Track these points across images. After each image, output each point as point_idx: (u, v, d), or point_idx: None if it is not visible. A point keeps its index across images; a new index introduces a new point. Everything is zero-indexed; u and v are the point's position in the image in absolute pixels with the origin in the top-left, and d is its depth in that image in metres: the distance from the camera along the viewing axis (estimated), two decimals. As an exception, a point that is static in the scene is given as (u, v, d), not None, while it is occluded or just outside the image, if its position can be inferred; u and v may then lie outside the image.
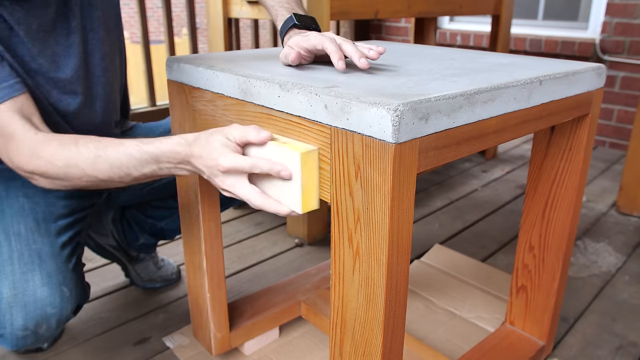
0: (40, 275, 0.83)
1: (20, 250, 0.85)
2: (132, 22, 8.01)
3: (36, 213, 0.90)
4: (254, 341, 1.13)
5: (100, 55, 0.94)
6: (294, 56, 0.77)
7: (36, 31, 0.84)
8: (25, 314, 0.81)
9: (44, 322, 0.83)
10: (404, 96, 0.59)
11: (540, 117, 0.77)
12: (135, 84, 3.69)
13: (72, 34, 0.88)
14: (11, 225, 0.87)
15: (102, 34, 0.93)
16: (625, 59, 2.58)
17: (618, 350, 1.17)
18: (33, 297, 0.82)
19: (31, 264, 0.84)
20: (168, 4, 2.02)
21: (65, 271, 0.87)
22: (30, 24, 0.82)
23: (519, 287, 1.09)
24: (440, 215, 1.87)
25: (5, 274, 0.82)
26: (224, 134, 0.70)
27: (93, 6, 0.91)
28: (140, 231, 1.30)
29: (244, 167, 0.68)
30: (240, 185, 0.69)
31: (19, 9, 0.81)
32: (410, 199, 0.60)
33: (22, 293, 0.81)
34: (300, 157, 0.63)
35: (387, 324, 0.63)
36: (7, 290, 0.81)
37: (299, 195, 0.65)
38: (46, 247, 0.87)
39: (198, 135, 0.72)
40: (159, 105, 2.12)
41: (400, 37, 3.47)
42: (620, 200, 1.91)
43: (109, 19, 0.96)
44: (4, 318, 0.81)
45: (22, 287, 0.81)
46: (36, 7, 0.82)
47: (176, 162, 0.73)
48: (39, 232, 0.88)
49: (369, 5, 1.57)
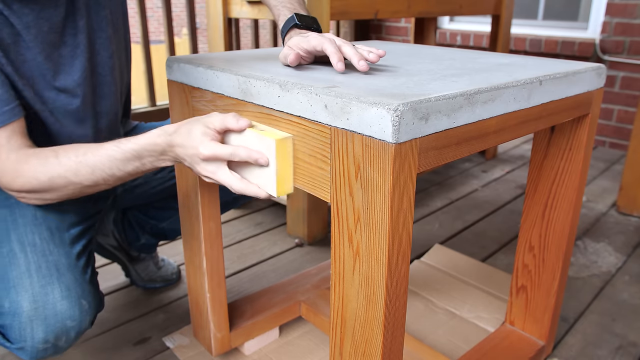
0: (60, 289, 0.83)
1: (37, 262, 0.84)
2: (132, 22, 7.98)
3: (49, 222, 0.89)
4: (254, 341, 1.13)
5: (108, 54, 0.94)
6: (293, 57, 0.77)
7: (47, 33, 0.83)
8: (45, 328, 0.81)
9: (63, 334, 0.83)
10: (404, 96, 0.59)
11: (540, 117, 0.77)
12: (135, 84, 3.68)
13: (79, 34, 0.87)
14: (25, 236, 0.86)
15: (109, 33, 0.93)
16: (625, 59, 2.58)
17: (618, 350, 1.17)
18: (53, 310, 0.81)
19: (50, 276, 0.83)
20: (168, 4, 2.02)
21: (83, 283, 0.86)
22: (41, 26, 0.82)
23: (519, 287, 1.09)
24: (440, 215, 1.87)
25: (24, 287, 0.81)
26: (203, 122, 0.72)
27: (100, 4, 0.90)
28: (141, 231, 1.30)
29: (223, 154, 0.71)
30: (221, 172, 0.72)
31: (29, 11, 0.80)
32: (410, 199, 0.60)
33: (42, 307, 0.81)
34: (276, 144, 0.67)
35: (387, 324, 0.63)
36: (27, 304, 0.80)
37: (274, 179, 0.70)
38: (63, 259, 0.86)
39: (178, 126, 0.74)
40: (159, 105, 2.12)
41: (400, 37, 3.47)
42: (620, 200, 1.91)
43: (116, 17, 0.95)
44: (24, 331, 0.80)
45: (42, 300, 0.81)
46: (46, 7, 0.82)
47: (157, 154, 0.76)
48: (54, 242, 0.87)
49: (369, 5, 1.57)
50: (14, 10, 0.79)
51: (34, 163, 0.78)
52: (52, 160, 0.78)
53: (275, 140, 0.67)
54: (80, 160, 0.77)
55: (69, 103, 0.90)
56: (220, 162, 0.72)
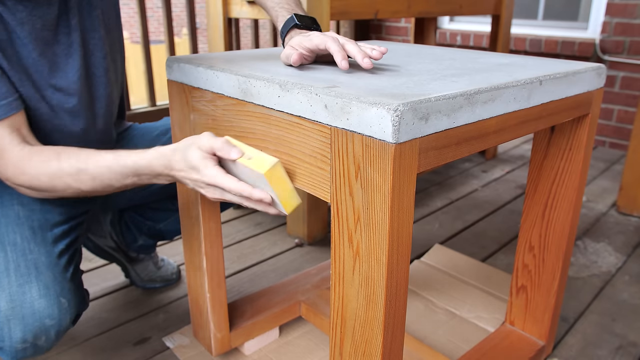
0: (38, 287, 0.82)
1: (16, 261, 0.83)
2: (132, 22, 8.01)
3: (32, 221, 0.89)
4: (254, 341, 1.13)
5: (102, 55, 0.94)
6: (296, 57, 0.77)
7: (40, 30, 0.83)
8: (23, 327, 0.80)
9: (42, 334, 0.82)
10: (404, 96, 0.59)
11: (540, 117, 0.77)
12: (135, 84, 3.69)
13: (72, 33, 0.88)
14: (7, 235, 0.86)
15: (102, 33, 0.93)
16: (625, 59, 2.58)
17: (618, 350, 1.17)
18: (31, 309, 0.81)
19: (28, 275, 0.83)
20: (168, 4, 2.02)
21: (62, 281, 0.85)
22: (34, 23, 0.82)
23: (519, 287, 1.09)
24: (440, 215, 1.87)
25: (2, 287, 0.81)
26: (198, 146, 0.73)
27: (92, 5, 0.90)
28: (139, 232, 1.30)
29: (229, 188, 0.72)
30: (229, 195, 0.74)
31: (22, 8, 0.80)
32: (410, 199, 0.60)
33: (19, 306, 0.80)
34: (266, 176, 0.68)
35: (387, 324, 0.63)
36: (4, 303, 0.80)
37: (278, 202, 0.72)
38: (43, 257, 0.86)
39: (174, 150, 0.75)
40: (159, 105, 2.12)
41: (400, 37, 3.47)
42: (620, 200, 1.91)
43: (108, 18, 0.95)
44: (2, 331, 0.80)
45: (20, 299, 0.80)
46: (40, 5, 0.82)
47: (154, 175, 0.77)
48: (35, 241, 0.87)
49: (369, 5, 1.57)
50: (8, 6, 0.79)
51: (36, 161, 0.80)
52: (54, 163, 0.79)
53: (263, 173, 0.68)
54: (80, 168, 0.79)
55: (66, 102, 0.90)
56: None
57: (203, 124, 0.86)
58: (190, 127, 0.89)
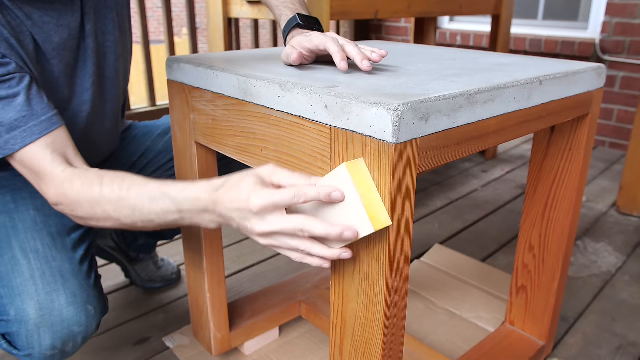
0: (66, 295, 0.83)
1: (41, 268, 0.83)
2: (132, 22, 8.00)
3: (50, 227, 0.88)
4: (254, 341, 1.13)
5: (115, 58, 0.94)
6: (296, 56, 0.77)
7: (68, 40, 0.84)
8: (53, 334, 0.81)
9: (70, 340, 0.83)
10: (404, 96, 0.59)
11: (540, 117, 0.77)
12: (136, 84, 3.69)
13: (87, 38, 0.88)
14: (27, 242, 0.85)
15: (117, 36, 0.93)
16: (625, 59, 2.58)
17: (618, 350, 1.17)
18: (59, 317, 0.81)
19: (54, 283, 0.83)
20: (168, 4, 2.02)
21: (88, 289, 0.86)
22: (62, 34, 0.82)
23: (519, 287, 1.09)
24: (440, 215, 1.87)
25: (29, 295, 0.81)
26: (258, 173, 0.63)
27: (109, 7, 0.90)
28: (139, 232, 1.30)
29: (282, 199, 0.58)
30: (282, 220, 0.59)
31: (49, 19, 0.80)
32: (410, 199, 0.60)
33: (48, 314, 0.80)
34: (347, 167, 0.55)
35: (387, 324, 0.63)
36: (34, 312, 0.80)
37: (363, 212, 0.55)
38: (66, 264, 0.86)
39: (227, 178, 0.65)
40: (159, 105, 2.12)
41: (400, 37, 3.47)
42: (620, 200, 1.91)
43: (122, 19, 0.95)
44: (32, 339, 0.80)
45: (49, 307, 0.81)
46: (65, 13, 0.82)
47: (199, 211, 0.67)
48: (56, 247, 0.87)
49: (369, 5, 1.57)
50: (35, 20, 0.79)
51: (78, 186, 0.75)
52: (96, 189, 0.74)
53: (344, 163, 0.55)
54: (121, 196, 0.72)
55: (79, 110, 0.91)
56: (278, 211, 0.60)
57: (203, 124, 0.86)
58: (190, 127, 0.89)
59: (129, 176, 0.75)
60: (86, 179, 0.75)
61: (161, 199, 0.70)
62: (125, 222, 0.74)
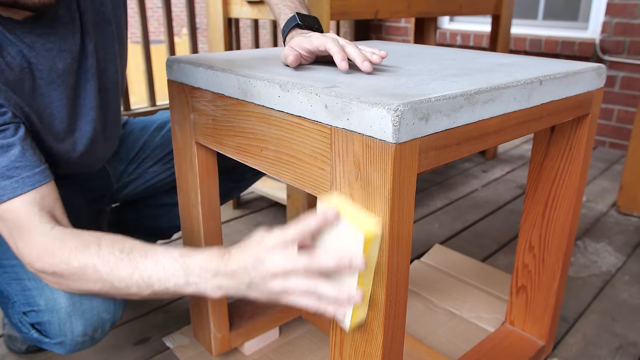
0: None
1: None
2: (132, 22, 7.99)
3: None
4: (254, 341, 1.13)
5: (114, 70, 0.94)
6: (293, 58, 0.77)
7: (71, 64, 0.84)
8: (84, 322, 0.81)
9: (99, 327, 0.84)
10: (405, 96, 0.59)
11: (540, 117, 0.77)
12: (135, 84, 3.69)
13: (89, 58, 0.88)
14: None
15: (116, 48, 0.93)
16: (625, 59, 2.58)
17: (618, 350, 1.17)
18: (89, 305, 0.82)
19: None
20: (168, 4, 2.02)
21: None
22: (65, 59, 0.82)
23: (519, 287, 1.09)
24: (440, 215, 1.87)
25: None
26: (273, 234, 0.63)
27: (108, 21, 0.90)
28: (137, 232, 1.30)
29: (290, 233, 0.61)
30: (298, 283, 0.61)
31: (52, 45, 0.80)
32: (410, 199, 0.60)
33: (79, 302, 0.81)
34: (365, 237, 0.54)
35: (387, 324, 0.63)
36: (64, 300, 0.80)
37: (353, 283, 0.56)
38: None
39: (241, 243, 0.65)
40: (159, 105, 2.12)
41: (400, 37, 3.47)
42: (620, 200, 1.91)
43: (121, 30, 0.95)
44: (64, 327, 0.81)
45: (78, 296, 0.81)
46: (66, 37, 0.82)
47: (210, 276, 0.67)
48: None
49: (369, 5, 1.57)
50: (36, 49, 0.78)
51: (71, 245, 0.73)
52: (93, 248, 0.73)
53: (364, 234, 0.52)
54: (122, 257, 0.72)
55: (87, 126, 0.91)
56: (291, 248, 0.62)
57: (203, 124, 0.86)
58: (190, 127, 0.89)
59: (127, 239, 0.75)
60: (82, 239, 0.74)
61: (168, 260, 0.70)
62: (117, 286, 0.73)
